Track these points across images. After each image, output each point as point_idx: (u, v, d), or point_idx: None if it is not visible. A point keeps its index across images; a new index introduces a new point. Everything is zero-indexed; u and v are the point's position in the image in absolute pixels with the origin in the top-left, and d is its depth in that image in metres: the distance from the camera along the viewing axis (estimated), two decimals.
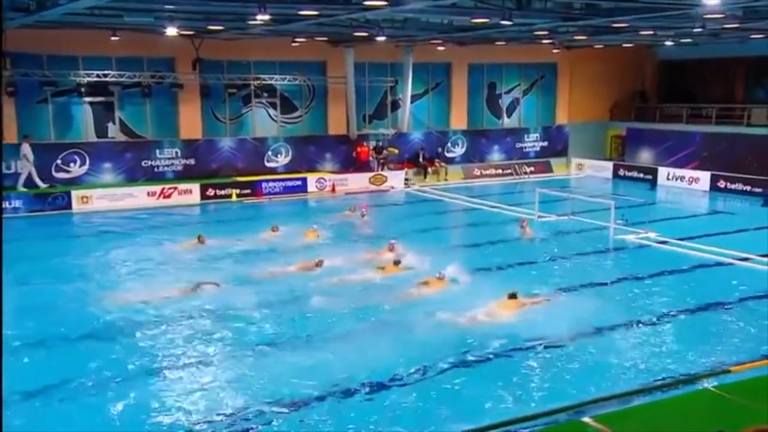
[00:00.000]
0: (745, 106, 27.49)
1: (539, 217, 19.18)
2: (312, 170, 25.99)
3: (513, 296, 11.29)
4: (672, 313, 11.43)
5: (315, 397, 8.34)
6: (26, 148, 21.14)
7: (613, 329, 10.65)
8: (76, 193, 21.43)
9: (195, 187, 23.03)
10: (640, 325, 10.90)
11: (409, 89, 26.93)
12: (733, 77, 29.56)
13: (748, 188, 23.88)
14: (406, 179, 26.45)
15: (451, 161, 28.61)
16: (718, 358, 9.48)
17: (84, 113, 23.00)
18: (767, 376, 8.44)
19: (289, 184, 24.53)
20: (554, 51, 28.16)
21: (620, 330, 10.67)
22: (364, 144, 26.72)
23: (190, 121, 24.35)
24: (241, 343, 10.17)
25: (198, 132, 24.54)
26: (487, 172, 28.86)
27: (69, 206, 21.20)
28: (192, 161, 24.26)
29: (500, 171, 29.07)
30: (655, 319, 11.12)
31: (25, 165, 21.19)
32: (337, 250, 15.18)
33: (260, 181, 24.10)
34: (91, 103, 22.93)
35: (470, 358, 9.49)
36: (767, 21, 17.75)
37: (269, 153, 25.63)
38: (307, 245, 16.02)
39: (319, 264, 13.88)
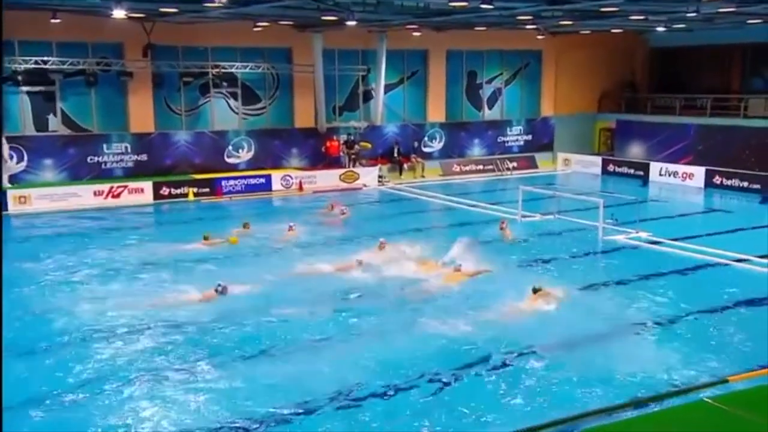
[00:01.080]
0: (742, 96, 27.96)
1: (523, 216, 19.25)
2: (277, 167, 25.85)
3: (537, 291, 11.90)
4: (665, 319, 11.50)
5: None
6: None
7: (602, 337, 10.69)
8: (12, 193, 21.04)
9: (147, 185, 22.72)
10: (631, 332, 10.95)
11: (382, 78, 26.93)
12: (729, 65, 30.06)
13: (746, 184, 24.25)
14: (380, 176, 26.41)
15: (428, 156, 28.67)
16: (716, 367, 9.55)
17: (21, 104, 22.60)
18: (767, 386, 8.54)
19: (252, 182, 24.33)
20: (539, 37, 28.36)
21: (609, 338, 10.70)
22: (334, 138, 26.65)
23: (141, 113, 24.06)
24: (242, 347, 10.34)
25: (150, 125, 24.26)
26: (467, 168, 28.95)
27: (4, 207, 20.76)
28: (144, 157, 23.98)
29: (481, 167, 29.18)
30: (646, 326, 11.19)
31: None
32: (327, 250, 15.42)
33: (220, 179, 23.88)
34: (29, 93, 22.56)
35: (447, 371, 9.46)
36: (765, 5, 18.04)
37: (230, 148, 25.43)
38: (292, 245, 16.20)
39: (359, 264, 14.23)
